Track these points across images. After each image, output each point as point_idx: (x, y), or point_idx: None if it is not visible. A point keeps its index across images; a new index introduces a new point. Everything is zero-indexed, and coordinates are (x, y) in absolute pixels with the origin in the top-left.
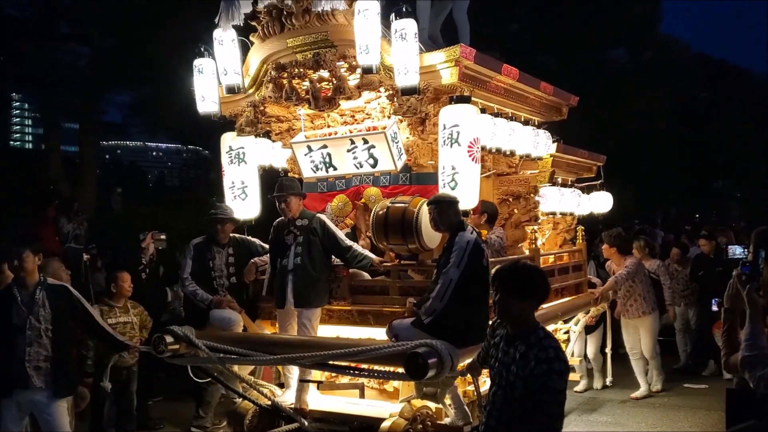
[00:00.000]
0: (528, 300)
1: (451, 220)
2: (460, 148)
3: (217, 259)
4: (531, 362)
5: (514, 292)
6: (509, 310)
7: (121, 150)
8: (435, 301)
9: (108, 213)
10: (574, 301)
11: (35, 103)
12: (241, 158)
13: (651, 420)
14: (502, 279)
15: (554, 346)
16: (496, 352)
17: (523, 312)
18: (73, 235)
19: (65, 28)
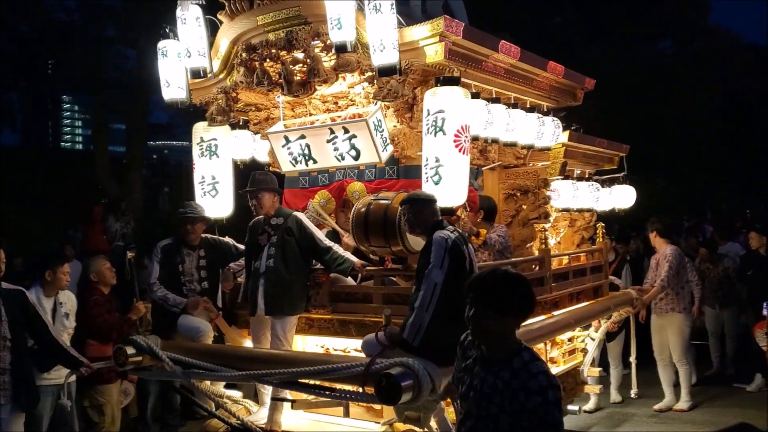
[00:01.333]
0: (509, 316)
1: (428, 221)
2: (445, 138)
3: (187, 262)
4: (519, 394)
5: (493, 306)
6: (486, 327)
7: (168, 150)
8: (420, 312)
9: (156, 212)
10: (592, 306)
11: (84, 105)
12: (213, 151)
13: None
14: (477, 290)
15: (543, 370)
16: (468, 377)
17: (504, 330)
18: (120, 233)
19: (112, 32)
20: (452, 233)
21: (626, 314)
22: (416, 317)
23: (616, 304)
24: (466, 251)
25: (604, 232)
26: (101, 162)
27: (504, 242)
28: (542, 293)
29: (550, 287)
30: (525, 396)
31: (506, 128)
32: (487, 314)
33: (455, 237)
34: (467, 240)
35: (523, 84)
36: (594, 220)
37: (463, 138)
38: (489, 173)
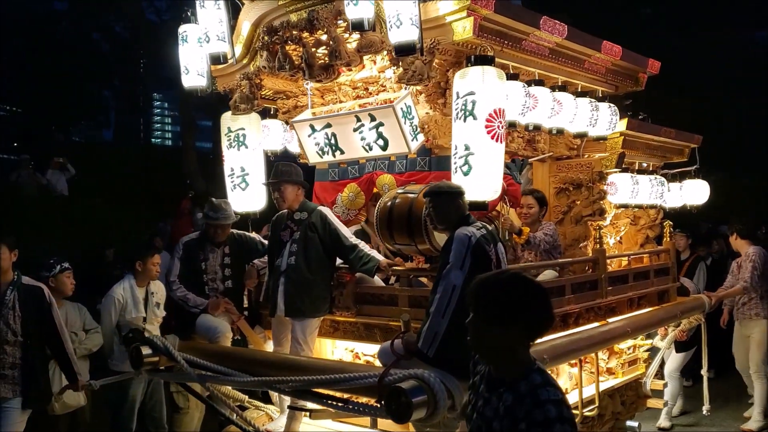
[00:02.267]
0: (516, 328)
1: (452, 215)
2: (475, 123)
3: (211, 259)
4: (521, 424)
5: (495, 315)
6: (487, 340)
7: None
8: (435, 318)
9: None
10: (655, 313)
11: (173, 103)
12: (241, 141)
13: None
14: (478, 295)
15: (554, 398)
16: (474, 396)
17: (510, 345)
18: None
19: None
20: (478, 230)
21: (697, 322)
22: (431, 324)
23: (685, 310)
24: (492, 251)
25: (672, 231)
26: (189, 157)
27: (552, 241)
28: (595, 298)
29: (605, 291)
30: (527, 427)
31: (550, 113)
32: (486, 325)
33: (480, 235)
34: (497, 239)
35: (572, 66)
36: (660, 218)
37: (496, 123)
38: (539, 166)
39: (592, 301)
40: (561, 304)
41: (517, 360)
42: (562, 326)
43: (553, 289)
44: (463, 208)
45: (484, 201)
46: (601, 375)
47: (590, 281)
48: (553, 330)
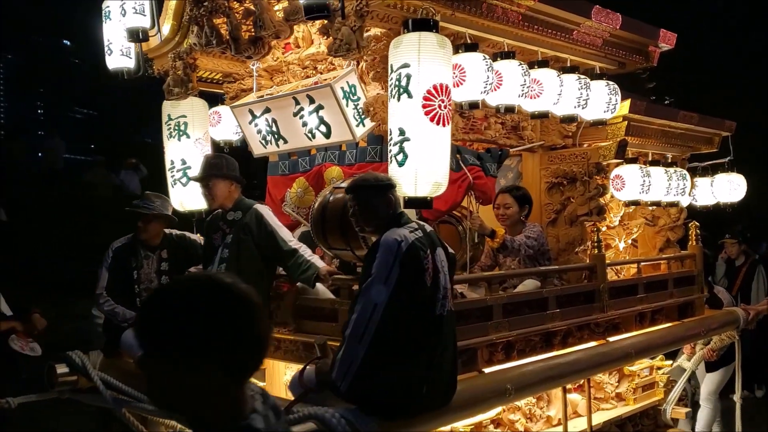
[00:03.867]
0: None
1: (379, 216)
2: (411, 102)
3: (145, 266)
4: None
5: (167, 350)
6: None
7: None
8: (351, 344)
9: None
10: (671, 330)
11: None
12: (182, 130)
13: None
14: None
15: None
16: None
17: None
18: None
19: None
20: (412, 232)
21: (730, 339)
22: (346, 351)
23: (713, 326)
24: (429, 259)
25: (698, 233)
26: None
27: (537, 245)
28: (592, 312)
29: (605, 304)
30: None
31: (522, 92)
32: (164, 363)
33: (415, 239)
34: (437, 243)
35: (557, 37)
36: (684, 218)
37: (437, 102)
38: (528, 157)
39: (586, 316)
40: (542, 321)
41: (220, 410)
42: (543, 347)
43: (532, 302)
44: (393, 205)
45: (425, 197)
46: (609, 401)
47: (585, 293)
48: (530, 351)
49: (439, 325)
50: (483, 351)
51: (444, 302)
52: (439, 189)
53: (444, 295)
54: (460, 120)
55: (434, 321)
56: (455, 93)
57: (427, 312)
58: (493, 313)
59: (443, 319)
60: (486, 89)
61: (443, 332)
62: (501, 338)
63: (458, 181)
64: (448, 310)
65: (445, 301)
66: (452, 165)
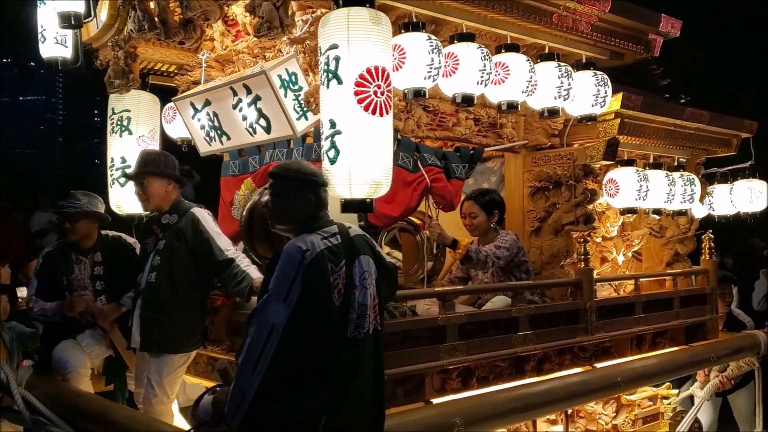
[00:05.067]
0: None
1: (296, 214)
2: (341, 89)
3: (77, 271)
4: None
5: None
6: None
7: None
8: (243, 372)
9: None
10: (675, 355)
11: None
12: (125, 126)
13: None
14: None
15: None
16: None
17: None
18: None
19: None
20: (324, 239)
21: (749, 366)
22: (238, 381)
23: (728, 352)
24: (340, 273)
25: (712, 246)
26: None
27: (509, 256)
28: (575, 334)
29: (591, 325)
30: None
31: (482, 79)
32: None
33: (325, 247)
34: (358, 253)
35: (532, 21)
36: (694, 229)
37: (371, 89)
38: (511, 158)
39: (568, 338)
40: (510, 344)
41: None
42: (512, 374)
43: (500, 322)
44: (316, 205)
45: (363, 199)
46: None
47: (568, 312)
48: (495, 378)
49: (353, 349)
50: (433, 378)
51: (361, 323)
52: (379, 190)
53: (360, 314)
54: (423, 114)
55: (345, 345)
56: (395, 79)
57: (335, 335)
58: (447, 335)
59: (358, 343)
60: (431, 74)
61: (358, 357)
62: (455, 364)
63: (414, 183)
64: (366, 331)
65: (363, 321)
66: (409, 165)
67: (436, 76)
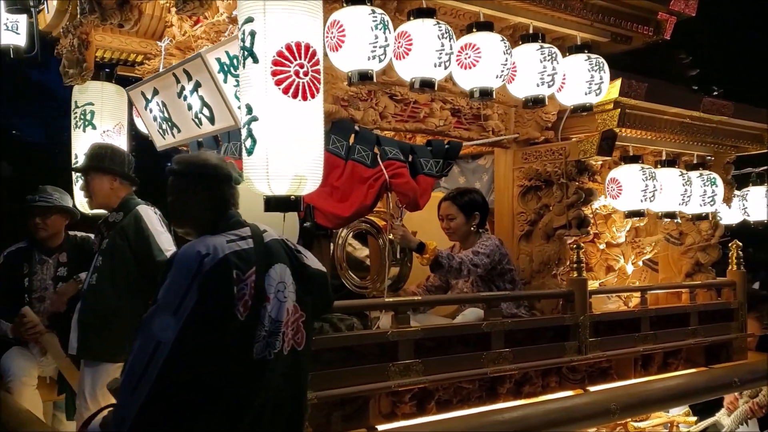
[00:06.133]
0: None
1: (200, 213)
2: (257, 68)
3: (39, 272)
4: None
5: None
6: None
7: None
8: (124, 394)
9: None
10: (691, 378)
11: None
12: (88, 120)
13: None
14: None
15: None
16: None
17: None
18: None
19: None
20: (232, 242)
21: None
22: (118, 404)
23: (753, 377)
24: (248, 284)
25: (740, 255)
26: None
27: (489, 263)
28: (563, 353)
29: (584, 343)
30: None
31: (439, 61)
32: None
33: (230, 252)
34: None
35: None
36: (719, 236)
37: (292, 68)
38: (501, 154)
39: (556, 357)
40: (479, 363)
41: None
42: (482, 397)
43: (469, 338)
44: (223, 203)
45: (287, 196)
46: None
47: (556, 328)
48: (459, 402)
49: (258, 372)
50: (380, 401)
51: (272, 341)
52: (303, 186)
53: (273, 331)
54: (390, 104)
55: (249, 367)
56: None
57: (236, 355)
58: (400, 352)
59: (266, 365)
60: (375, 55)
61: (265, 382)
62: (408, 385)
63: (370, 179)
64: (278, 351)
65: (274, 339)
66: (367, 159)
67: (383, 57)
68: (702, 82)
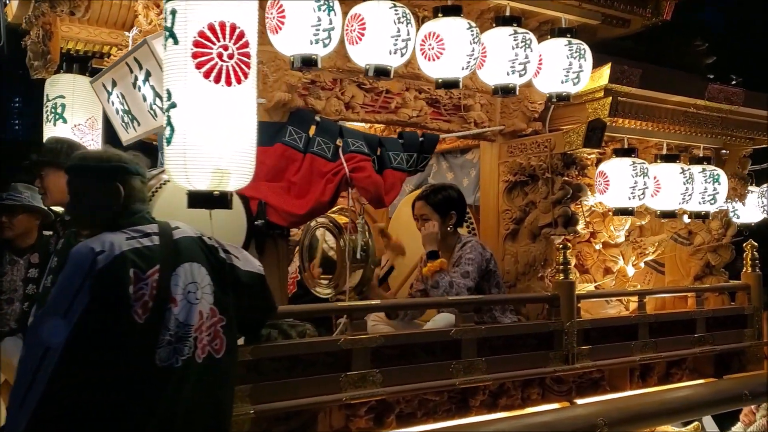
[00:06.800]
0: None
1: (98, 210)
2: (177, 50)
3: (9, 273)
4: None
5: None
6: None
7: None
8: (12, 409)
9: None
10: (696, 390)
11: None
12: (59, 114)
13: None
14: None
15: None
16: None
17: None
18: None
19: None
20: (132, 240)
21: None
22: (8, 419)
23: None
24: (147, 285)
25: (756, 256)
26: None
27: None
28: (547, 362)
29: (571, 351)
30: None
31: (395, 48)
32: None
33: (129, 249)
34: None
35: None
36: (731, 235)
37: (215, 50)
38: (487, 147)
39: (539, 367)
40: (447, 373)
41: None
42: (451, 410)
43: (436, 346)
44: (126, 198)
45: (209, 192)
46: None
47: (539, 335)
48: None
49: (164, 379)
50: (331, 415)
51: (179, 347)
52: (226, 181)
53: (181, 336)
54: (359, 93)
55: (153, 374)
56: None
57: (137, 361)
58: (354, 361)
59: (173, 373)
60: (318, 38)
61: (175, 391)
62: (361, 398)
63: (329, 174)
64: (188, 358)
65: (183, 345)
66: (328, 152)
67: (327, 41)
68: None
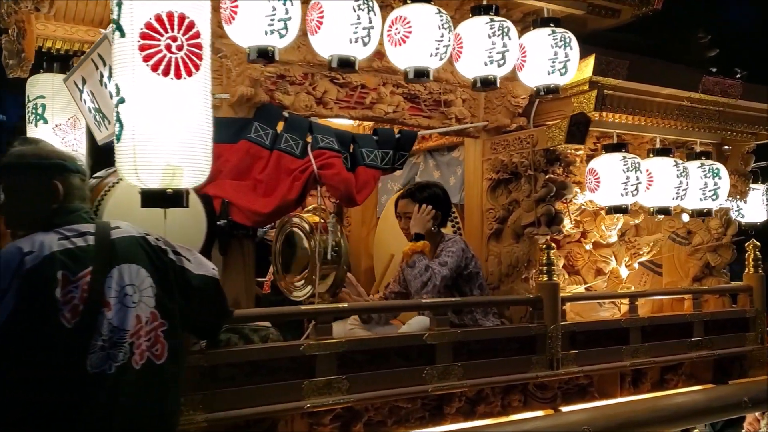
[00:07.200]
0: None
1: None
2: (123, 43)
3: None
4: None
5: None
6: None
7: None
8: None
9: None
10: (691, 396)
11: None
12: (40, 114)
13: None
14: None
15: None
16: None
17: None
18: None
19: None
20: (64, 240)
21: None
22: None
23: None
24: (76, 288)
25: (758, 257)
26: None
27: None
28: (529, 368)
29: (556, 357)
30: None
31: (355, 36)
32: None
33: (57, 250)
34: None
35: None
36: (731, 234)
37: (162, 41)
38: (471, 144)
39: (520, 373)
40: (420, 379)
41: None
42: (424, 418)
43: (410, 351)
44: (64, 197)
45: (162, 190)
46: None
47: (521, 339)
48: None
49: (96, 386)
50: (293, 424)
51: (113, 353)
52: (178, 178)
53: (115, 341)
54: (332, 88)
55: (84, 381)
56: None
57: (66, 367)
58: (318, 367)
59: (105, 380)
60: (273, 29)
61: (108, 398)
62: (324, 405)
63: (296, 171)
64: (123, 365)
65: (117, 351)
66: (296, 149)
67: (283, 32)
68: (724, 63)
